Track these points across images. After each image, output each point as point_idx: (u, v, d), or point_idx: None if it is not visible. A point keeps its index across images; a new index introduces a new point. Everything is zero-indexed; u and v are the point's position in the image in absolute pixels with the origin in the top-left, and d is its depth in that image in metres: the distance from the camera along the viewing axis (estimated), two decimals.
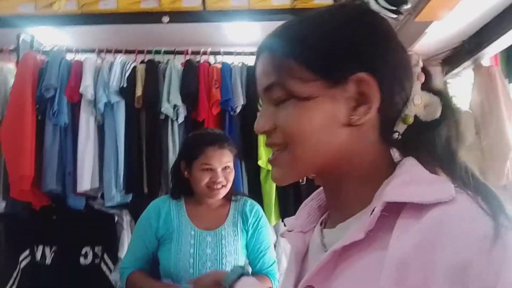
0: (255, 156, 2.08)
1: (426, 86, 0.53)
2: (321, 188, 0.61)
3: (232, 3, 2.13)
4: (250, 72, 2.19)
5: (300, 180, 2.08)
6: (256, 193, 2.02)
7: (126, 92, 2.06)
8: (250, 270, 1.54)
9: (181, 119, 2.09)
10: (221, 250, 1.46)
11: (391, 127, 0.52)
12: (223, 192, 1.50)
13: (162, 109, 2.05)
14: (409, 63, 0.53)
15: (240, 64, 2.20)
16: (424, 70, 0.54)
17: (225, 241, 1.48)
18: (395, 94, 0.51)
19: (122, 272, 1.53)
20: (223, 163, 1.48)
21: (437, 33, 2.15)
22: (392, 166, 0.52)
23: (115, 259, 2.06)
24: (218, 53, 2.29)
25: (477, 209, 0.41)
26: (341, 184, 0.53)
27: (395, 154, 0.55)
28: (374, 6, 0.54)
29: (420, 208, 0.43)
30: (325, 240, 0.55)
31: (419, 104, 0.51)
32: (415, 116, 0.52)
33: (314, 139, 0.50)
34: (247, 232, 1.54)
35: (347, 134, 0.50)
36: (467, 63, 2.33)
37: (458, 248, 0.38)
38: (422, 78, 0.53)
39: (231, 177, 1.51)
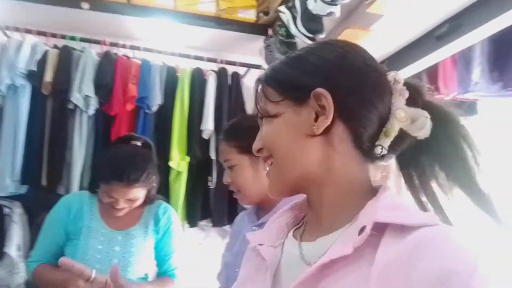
0: (166, 157, 2.17)
1: (413, 102, 0.59)
2: (288, 206, 0.72)
3: (158, 1, 2.23)
4: (170, 72, 2.29)
5: (209, 184, 2.24)
6: (164, 193, 2.12)
7: (34, 76, 2.02)
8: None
9: (91, 111, 2.10)
10: (130, 249, 1.53)
11: (370, 142, 0.58)
12: (128, 210, 1.52)
13: (72, 98, 2.04)
14: (380, 81, 0.60)
15: (161, 63, 2.29)
16: (410, 87, 0.60)
17: (134, 241, 1.55)
18: (359, 107, 0.57)
19: (29, 265, 1.54)
20: (128, 197, 1.46)
21: None
22: (370, 185, 0.60)
23: (0, 253, 1.97)
24: (137, 48, 2.34)
25: (458, 231, 0.47)
26: (322, 196, 0.60)
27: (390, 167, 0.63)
28: (293, 29, 0.73)
29: (404, 229, 0.48)
30: (304, 252, 0.59)
31: (403, 118, 0.57)
32: (406, 132, 0.57)
33: (289, 150, 0.60)
34: (157, 234, 1.61)
35: (318, 145, 0.58)
36: None
37: (444, 260, 0.43)
38: (406, 94, 0.59)
39: (139, 202, 1.52)
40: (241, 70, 2.49)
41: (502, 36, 1.93)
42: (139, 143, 1.58)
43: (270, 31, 2.50)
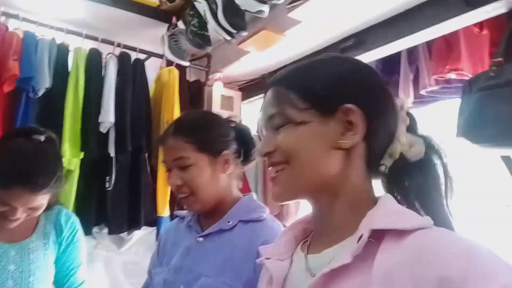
0: None
1: (411, 128, 0.65)
2: (298, 220, 0.74)
3: None
4: (61, 51, 1.95)
5: (107, 185, 2.00)
6: None
7: None
8: None
9: None
10: (28, 267, 1.27)
11: (377, 160, 0.63)
12: (20, 221, 1.24)
13: None
14: (395, 106, 0.65)
15: (50, 39, 1.92)
16: (409, 114, 0.66)
17: (33, 256, 1.29)
18: (380, 128, 0.62)
19: None
20: (31, 206, 1.20)
21: (248, 62, 2.52)
22: (372, 197, 0.63)
23: None
24: (15, 16, 1.92)
25: (454, 233, 0.53)
26: (332, 207, 0.62)
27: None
28: (211, 22, 0.75)
29: (400, 234, 0.52)
30: (310, 265, 0.62)
31: (405, 143, 0.62)
32: (402, 155, 0.62)
33: (311, 159, 0.61)
34: (59, 245, 1.37)
35: (338, 158, 0.61)
36: (263, 94, 2.81)
37: (444, 264, 0.46)
38: (407, 121, 0.65)
39: (39, 212, 1.26)
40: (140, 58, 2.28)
41: (389, 56, 2.21)
42: (42, 138, 1.29)
43: (174, 19, 2.36)
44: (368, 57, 2.17)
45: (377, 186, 0.66)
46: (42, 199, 1.21)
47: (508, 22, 1.63)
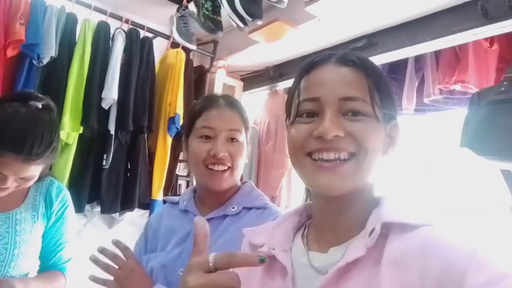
0: None
1: None
2: (292, 211, 0.74)
3: None
4: (69, 20, 1.89)
5: (103, 163, 1.96)
6: None
7: None
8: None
9: None
10: (14, 238, 1.21)
11: None
12: (10, 191, 1.17)
13: None
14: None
15: (59, 7, 1.86)
16: None
17: (20, 227, 1.23)
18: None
19: None
20: (24, 176, 1.15)
21: (255, 52, 2.50)
22: (375, 196, 0.65)
23: None
24: None
25: (456, 228, 0.55)
26: (350, 207, 0.63)
27: None
28: (226, 8, 0.72)
29: (406, 228, 0.55)
30: (315, 263, 0.62)
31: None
32: None
33: (377, 156, 0.61)
34: (48, 219, 1.31)
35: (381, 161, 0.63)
36: (266, 86, 2.81)
37: (447, 254, 0.49)
38: None
39: (31, 183, 1.20)
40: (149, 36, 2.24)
41: (396, 60, 2.24)
42: (40, 105, 1.21)
43: (185, 1, 2.32)
44: (377, 60, 2.18)
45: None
46: (34, 170, 1.15)
47: None
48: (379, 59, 2.17)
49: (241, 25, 2.00)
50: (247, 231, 0.75)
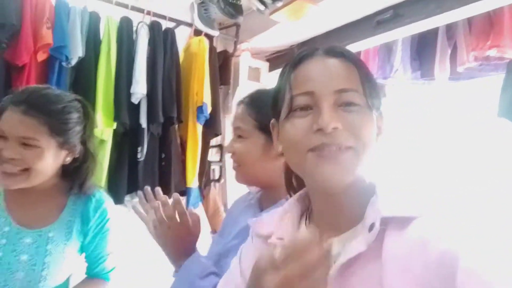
0: None
1: None
2: (294, 198, 0.73)
3: None
4: (93, 19, 1.92)
5: (138, 155, 2.01)
6: None
7: None
8: None
9: None
10: (42, 260, 1.11)
11: None
12: (22, 180, 1.05)
13: None
14: None
15: (81, 7, 1.89)
16: None
17: (51, 247, 1.12)
18: None
19: None
20: (22, 134, 1.02)
21: (277, 32, 2.46)
22: (369, 183, 0.64)
23: None
24: None
25: (447, 218, 0.56)
26: (349, 198, 0.62)
27: None
28: None
29: (403, 221, 0.55)
30: None
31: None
32: None
33: (372, 146, 0.61)
34: (84, 235, 1.21)
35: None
36: None
37: (442, 241, 0.51)
38: None
39: (36, 162, 1.05)
40: (170, 27, 2.24)
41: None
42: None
43: None
44: (405, 31, 2.10)
45: None
46: (34, 132, 1.02)
47: None
48: (407, 30, 2.08)
49: (262, 7, 1.96)
50: (253, 222, 0.76)
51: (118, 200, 1.96)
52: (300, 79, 0.62)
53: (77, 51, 1.82)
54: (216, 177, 2.49)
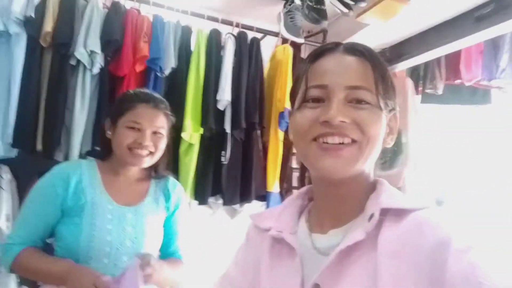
0: (178, 127, 2.00)
1: None
2: (295, 195, 0.77)
3: None
4: (185, 33, 2.09)
5: (222, 159, 2.10)
6: (173, 167, 1.96)
7: (31, 23, 1.76)
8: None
9: (96, 69, 1.88)
10: (142, 229, 1.35)
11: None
12: (149, 160, 1.35)
13: (76, 53, 1.81)
14: None
15: (175, 22, 2.07)
16: None
17: (146, 219, 1.37)
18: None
19: (8, 248, 1.27)
20: (154, 126, 1.34)
21: (366, 36, 2.37)
22: (371, 181, 0.67)
23: None
24: (146, 1, 2.11)
25: (441, 212, 0.58)
26: (351, 191, 0.65)
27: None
28: None
29: (401, 212, 0.58)
30: (317, 244, 0.65)
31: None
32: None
33: (378, 145, 0.64)
34: (168, 211, 1.46)
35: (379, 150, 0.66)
36: None
37: (437, 232, 0.54)
38: None
39: (162, 146, 1.38)
40: (257, 37, 2.32)
41: None
42: None
43: None
44: (509, 26, 1.86)
45: None
46: (162, 122, 1.37)
47: None
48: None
49: (345, 10, 1.92)
50: (254, 215, 0.80)
51: (202, 200, 2.08)
52: (316, 72, 0.65)
53: (170, 62, 1.99)
54: (298, 184, 2.48)
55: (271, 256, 0.70)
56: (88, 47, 1.83)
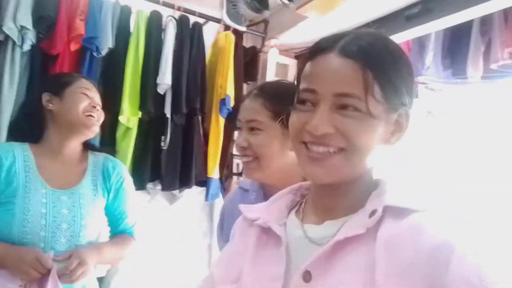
0: (115, 110, 1.95)
1: None
2: (286, 190, 0.76)
3: None
4: (124, 13, 2.02)
5: (162, 144, 2.08)
6: (110, 151, 1.90)
7: None
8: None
9: (27, 46, 1.77)
10: (79, 211, 1.33)
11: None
12: (97, 128, 1.40)
13: (4, 28, 1.69)
14: None
15: (114, 0, 1.99)
16: None
17: (83, 201, 1.35)
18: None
19: None
20: (97, 99, 1.40)
21: (304, 29, 2.45)
22: (373, 178, 0.66)
23: None
24: None
25: (443, 215, 0.58)
26: (349, 190, 0.64)
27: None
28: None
29: (401, 212, 0.58)
30: (310, 234, 0.64)
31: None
32: None
33: (369, 150, 0.60)
34: (108, 191, 1.44)
35: (376, 151, 0.62)
36: None
37: (439, 236, 0.53)
38: None
39: (102, 117, 1.43)
40: (199, 22, 2.30)
41: (459, 25, 2.05)
42: None
43: None
44: (435, 26, 2.03)
45: None
46: (96, 94, 1.41)
47: None
48: (438, 25, 2.01)
49: (286, 1, 1.98)
50: (243, 207, 0.78)
51: (140, 186, 2.04)
52: (309, 75, 0.63)
53: (107, 42, 1.92)
54: (239, 170, 2.52)
55: (257, 246, 0.69)
56: (18, 22, 1.71)
